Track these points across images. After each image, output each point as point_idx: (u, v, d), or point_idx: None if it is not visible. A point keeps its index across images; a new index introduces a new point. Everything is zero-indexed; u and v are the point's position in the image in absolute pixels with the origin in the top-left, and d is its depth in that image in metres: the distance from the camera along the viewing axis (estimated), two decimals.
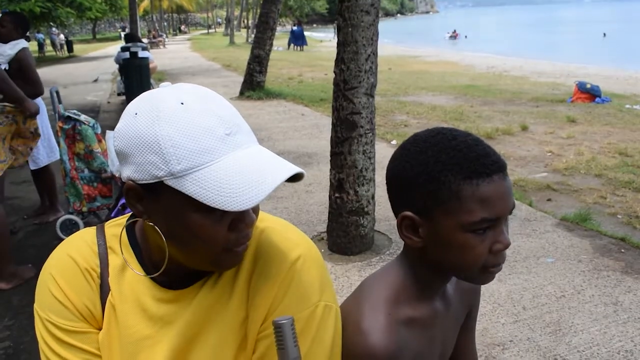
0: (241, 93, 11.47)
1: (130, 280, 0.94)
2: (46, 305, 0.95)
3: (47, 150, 4.64)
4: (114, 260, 0.96)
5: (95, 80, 16.09)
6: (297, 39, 32.31)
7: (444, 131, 0.96)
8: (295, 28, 33.86)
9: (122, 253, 0.95)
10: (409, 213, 0.94)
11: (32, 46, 24.75)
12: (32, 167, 4.59)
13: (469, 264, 0.93)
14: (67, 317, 0.93)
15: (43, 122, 4.66)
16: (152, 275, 0.92)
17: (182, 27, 73.23)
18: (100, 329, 0.95)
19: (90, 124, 4.25)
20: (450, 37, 46.20)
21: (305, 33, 34.90)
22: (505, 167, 0.93)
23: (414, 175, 0.93)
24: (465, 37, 46.05)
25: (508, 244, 0.92)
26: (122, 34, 38.19)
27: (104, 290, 0.95)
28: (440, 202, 0.91)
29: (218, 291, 0.92)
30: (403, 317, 0.96)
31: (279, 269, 0.92)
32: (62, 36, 35.18)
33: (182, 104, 0.80)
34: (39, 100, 4.62)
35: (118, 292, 0.94)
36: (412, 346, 0.96)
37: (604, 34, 40.11)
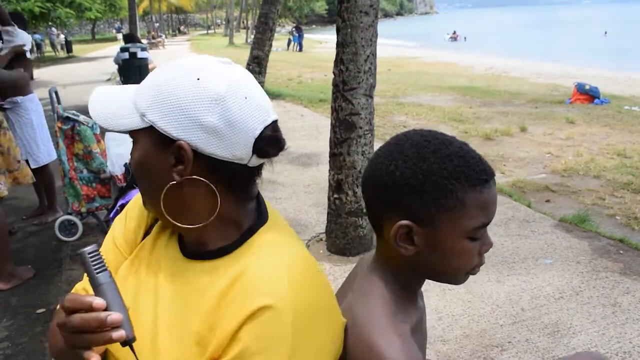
0: None
1: (156, 242, 1.03)
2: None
3: (47, 149, 4.64)
4: None
5: (109, 80, 16.08)
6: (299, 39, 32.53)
7: (435, 136, 0.95)
8: (295, 33, 33.83)
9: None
10: (406, 222, 0.92)
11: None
12: (33, 166, 4.59)
13: (461, 269, 0.96)
14: (121, 223, 1.12)
15: (40, 121, 4.67)
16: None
17: (182, 28, 73.27)
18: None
19: (89, 125, 4.24)
20: (451, 38, 46.23)
21: (304, 35, 34.91)
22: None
23: (419, 183, 0.90)
24: (465, 39, 46.10)
25: (492, 244, 0.97)
26: (118, 35, 38.36)
27: (148, 229, 1.07)
28: (445, 210, 0.90)
29: (206, 279, 0.91)
30: (407, 329, 0.96)
31: (241, 309, 0.83)
32: (62, 36, 35.18)
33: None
34: (37, 101, 4.63)
35: (153, 234, 1.04)
36: (419, 353, 0.97)
37: (605, 32, 40.22)
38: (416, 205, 0.91)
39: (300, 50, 32.33)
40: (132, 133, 0.90)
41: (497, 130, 8.03)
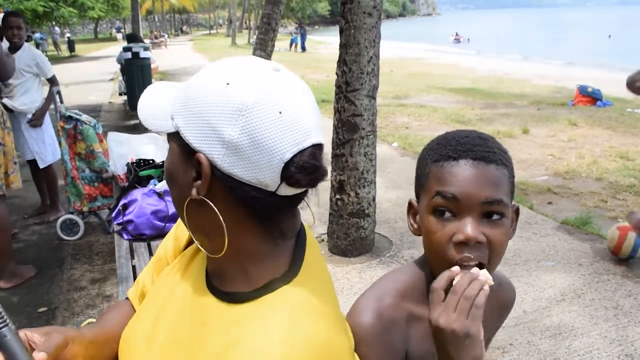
0: None
1: (196, 256, 0.96)
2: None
3: (52, 148, 4.65)
4: None
5: (112, 80, 16.09)
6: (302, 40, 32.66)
7: (460, 130, 1.02)
8: (298, 31, 33.87)
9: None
10: (411, 199, 1.01)
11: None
12: (41, 165, 4.61)
13: (433, 253, 0.94)
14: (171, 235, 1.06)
15: (46, 120, 4.69)
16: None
17: (184, 28, 73.34)
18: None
19: (92, 124, 4.25)
20: (454, 40, 46.23)
21: (308, 35, 34.93)
22: (485, 158, 0.91)
23: (417, 166, 1.01)
24: (468, 40, 46.08)
25: (470, 236, 0.88)
26: (118, 34, 38.33)
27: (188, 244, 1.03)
28: (420, 186, 0.98)
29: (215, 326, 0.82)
30: (402, 311, 0.97)
31: None
32: (68, 34, 35.20)
33: None
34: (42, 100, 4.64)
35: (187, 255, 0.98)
36: (411, 342, 0.96)
37: (609, 36, 40.18)
38: (416, 185, 1.01)
39: (304, 50, 32.35)
40: (168, 137, 0.81)
41: (500, 132, 8.02)
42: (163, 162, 3.49)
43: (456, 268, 0.87)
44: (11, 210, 4.21)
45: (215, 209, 0.75)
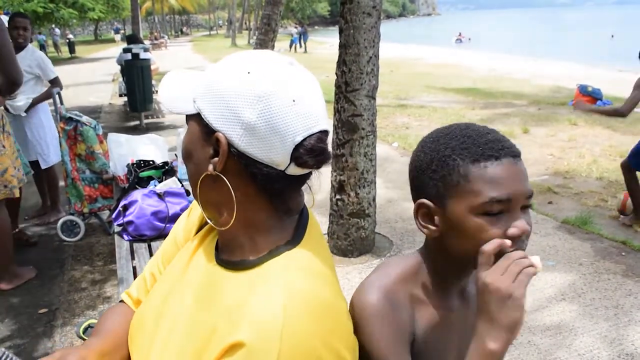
0: None
1: (206, 238, 1.03)
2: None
3: (55, 149, 4.66)
4: None
5: (113, 81, 16.08)
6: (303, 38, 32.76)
7: (460, 123, 1.00)
8: (297, 32, 33.90)
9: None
10: (424, 200, 0.97)
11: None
12: (43, 166, 4.62)
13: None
14: (181, 225, 1.13)
15: (49, 121, 4.70)
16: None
17: (184, 29, 73.36)
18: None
19: (92, 125, 4.25)
20: (457, 40, 46.27)
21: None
22: (519, 154, 0.95)
23: (427, 163, 0.96)
24: (469, 39, 46.10)
25: (524, 228, 0.92)
26: (116, 36, 38.28)
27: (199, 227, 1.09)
28: (451, 187, 0.93)
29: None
30: (407, 292, 0.98)
31: (222, 341, 0.80)
32: (70, 35, 35.18)
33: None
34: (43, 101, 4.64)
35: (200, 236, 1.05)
36: (417, 326, 0.97)
37: (612, 35, 40.20)
38: (428, 184, 0.97)
39: (304, 51, 32.38)
40: (187, 118, 0.90)
41: (500, 132, 8.01)
42: (163, 163, 3.50)
43: (508, 241, 0.90)
44: None
45: (229, 183, 0.85)
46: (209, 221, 0.92)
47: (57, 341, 3.06)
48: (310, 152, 0.82)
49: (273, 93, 0.81)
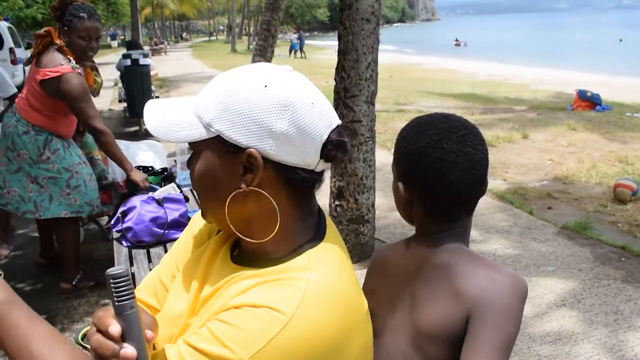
0: None
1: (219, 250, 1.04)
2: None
3: None
4: None
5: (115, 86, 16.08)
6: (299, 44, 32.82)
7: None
8: (295, 38, 33.99)
9: None
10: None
11: None
12: None
13: None
14: (197, 225, 1.13)
15: None
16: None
17: (184, 35, 73.50)
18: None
19: None
20: (456, 44, 46.46)
21: (307, 41, 35.04)
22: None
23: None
24: (465, 45, 46.27)
25: None
26: (112, 42, 38.27)
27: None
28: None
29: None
30: None
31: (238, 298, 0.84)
32: None
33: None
34: None
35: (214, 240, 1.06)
36: None
37: (620, 39, 40.50)
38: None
39: (302, 56, 32.44)
40: (193, 143, 0.90)
41: (499, 137, 8.03)
42: (162, 169, 3.50)
43: None
44: (12, 216, 4.21)
45: (268, 195, 0.87)
46: (243, 238, 0.92)
47: None
48: (336, 147, 0.89)
49: (295, 100, 0.85)
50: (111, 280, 0.75)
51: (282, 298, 0.80)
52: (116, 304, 0.76)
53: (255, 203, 0.88)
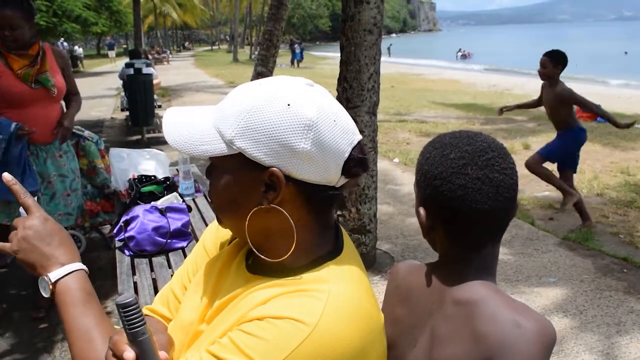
0: None
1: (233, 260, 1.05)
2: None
3: None
4: None
5: (117, 95, 16.13)
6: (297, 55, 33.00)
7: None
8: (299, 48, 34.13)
9: None
10: None
11: None
12: None
13: None
14: (208, 236, 1.15)
15: None
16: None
17: (186, 44, 73.82)
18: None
19: (94, 140, 4.27)
20: (462, 55, 46.67)
21: (309, 52, 35.14)
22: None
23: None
24: (470, 55, 46.46)
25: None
26: (110, 52, 38.34)
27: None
28: None
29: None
30: None
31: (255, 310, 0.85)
32: (80, 50, 35.25)
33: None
34: None
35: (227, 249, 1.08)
36: None
37: (626, 52, 40.65)
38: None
39: (298, 65, 32.60)
40: (215, 159, 0.90)
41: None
42: (165, 178, 3.50)
43: None
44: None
45: (289, 212, 0.87)
46: (261, 256, 0.92)
47: (57, 356, 3.06)
48: (358, 163, 0.89)
49: (318, 119, 0.84)
50: (121, 310, 0.75)
51: (304, 309, 0.80)
52: (128, 331, 0.77)
53: (276, 219, 0.88)
